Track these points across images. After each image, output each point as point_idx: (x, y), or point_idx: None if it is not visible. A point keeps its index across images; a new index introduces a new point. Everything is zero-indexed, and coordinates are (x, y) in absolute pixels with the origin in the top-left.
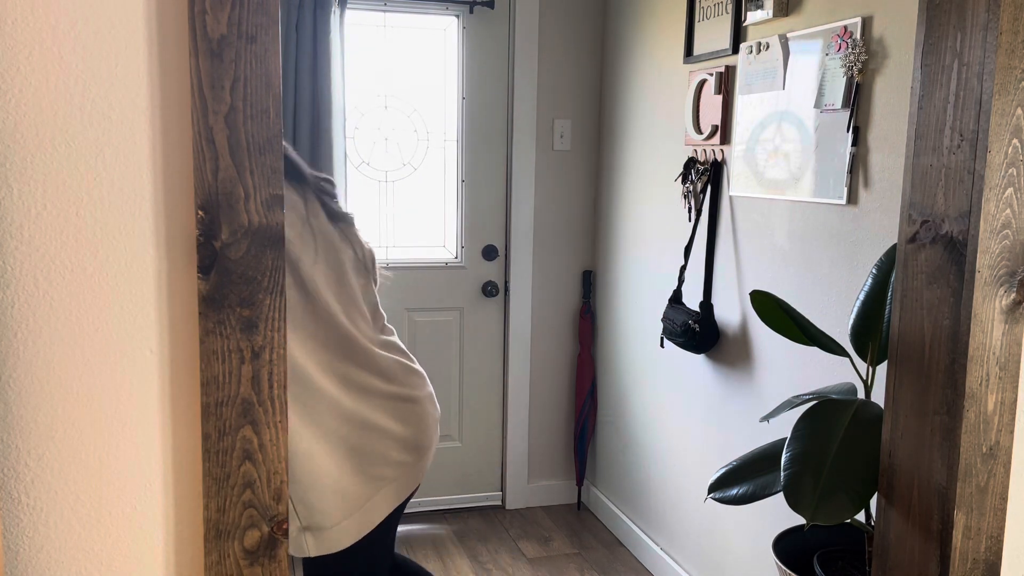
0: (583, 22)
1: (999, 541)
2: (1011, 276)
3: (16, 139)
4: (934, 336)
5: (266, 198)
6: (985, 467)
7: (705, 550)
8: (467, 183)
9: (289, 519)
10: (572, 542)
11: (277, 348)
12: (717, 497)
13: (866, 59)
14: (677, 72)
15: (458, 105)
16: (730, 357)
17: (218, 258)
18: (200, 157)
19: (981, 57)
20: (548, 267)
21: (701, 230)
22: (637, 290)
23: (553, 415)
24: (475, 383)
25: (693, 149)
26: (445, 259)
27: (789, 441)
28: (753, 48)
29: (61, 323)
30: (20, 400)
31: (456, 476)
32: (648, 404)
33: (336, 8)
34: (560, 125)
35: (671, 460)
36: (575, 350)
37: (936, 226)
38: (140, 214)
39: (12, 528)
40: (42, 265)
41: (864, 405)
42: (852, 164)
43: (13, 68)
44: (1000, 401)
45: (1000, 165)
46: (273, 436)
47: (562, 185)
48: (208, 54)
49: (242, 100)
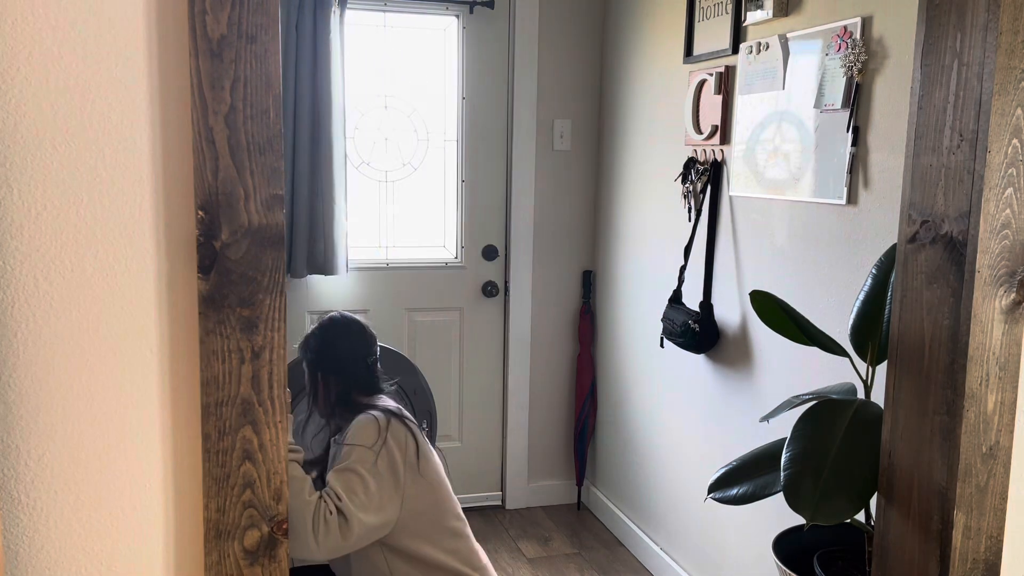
0: (583, 22)
1: (999, 541)
2: (1011, 276)
3: (16, 139)
4: (934, 336)
5: (266, 198)
6: (985, 467)
7: (705, 550)
8: (467, 183)
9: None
10: (572, 542)
11: (277, 348)
12: (717, 497)
13: (866, 59)
14: (677, 72)
15: (458, 105)
16: (730, 357)
17: (218, 258)
18: (200, 157)
19: (981, 57)
20: (548, 267)
21: (701, 230)
22: (637, 290)
23: (553, 415)
24: (475, 383)
25: (693, 149)
26: (445, 259)
27: (789, 441)
28: (753, 48)
29: (61, 323)
30: (20, 400)
31: (456, 476)
32: (648, 404)
33: (336, 8)
34: (560, 125)
35: (671, 460)
36: (575, 350)
37: (936, 226)
38: (140, 214)
39: (12, 528)
40: (42, 265)
41: (864, 405)
42: (852, 164)
43: (13, 68)
44: (1000, 401)
45: (1000, 165)
46: (273, 436)
47: (562, 185)
48: (208, 54)
49: (242, 100)
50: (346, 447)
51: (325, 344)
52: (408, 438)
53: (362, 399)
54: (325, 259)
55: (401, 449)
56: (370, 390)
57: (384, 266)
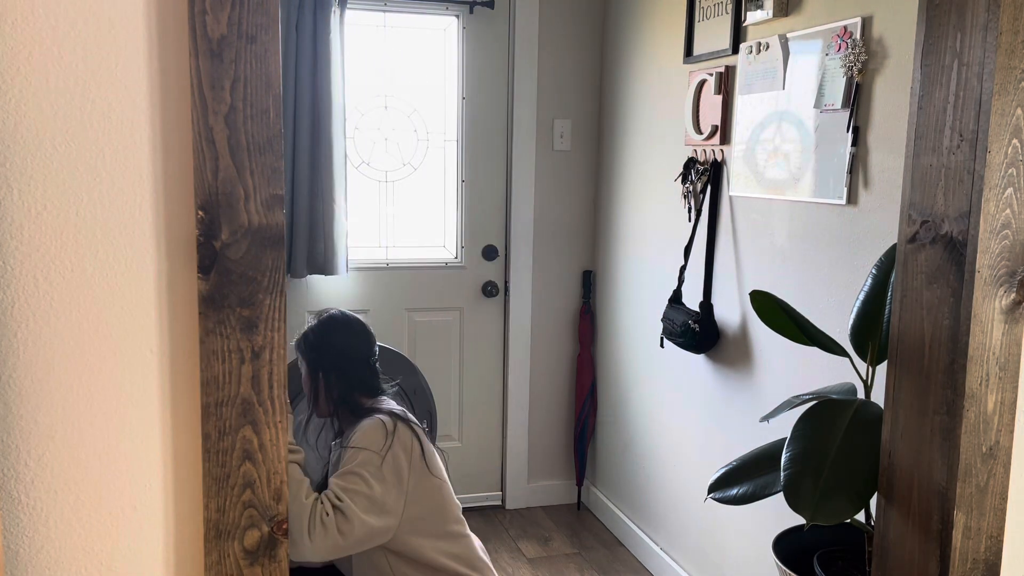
0: (583, 22)
1: (999, 541)
2: (1011, 276)
3: (16, 139)
4: (934, 336)
5: (266, 198)
6: (985, 467)
7: (705, 550)
8: (467, 183)
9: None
10: (572, 542)
11: (277, 348)
12: (717, 497)
13: (866, 59)
14: (677, 72)
15: (458, 105)
16: (730, 357)
17: (218, 258)
18: (200, 157)
19: (981, 57)
20: (548, 267)
21: (701, 230)
22: (637, 290)
23: (553, 415)
24: (475, 383)
25: (693, 149)
26: (445, 259)
27: (789, 441)
28: (753, 48)
29: (61, 323)
30: (20, 400)
31: (456, 476)
32: (648, 404)
33: (336, 8)
34: (560, 125)
35: (671, 460)
36: (575, 350)
37: (936, 226)
38: (140, 214)
39: (12, 528)
40: (42, 265)
41: (864, 405)
42: (852, 164)
43: (13, 68)
44: (1000, 401)
45: (1000, 165)
46: (273, 436)
47: (562, 185)
48: (208, 54)
49: (242, 100)
50: (351, 450)
51: (326, 342)
52: (413, 441)
53: (365, 401)
54: (325, 259)
55: (407, 452)
56: (372, 391)
57: (384, 266)
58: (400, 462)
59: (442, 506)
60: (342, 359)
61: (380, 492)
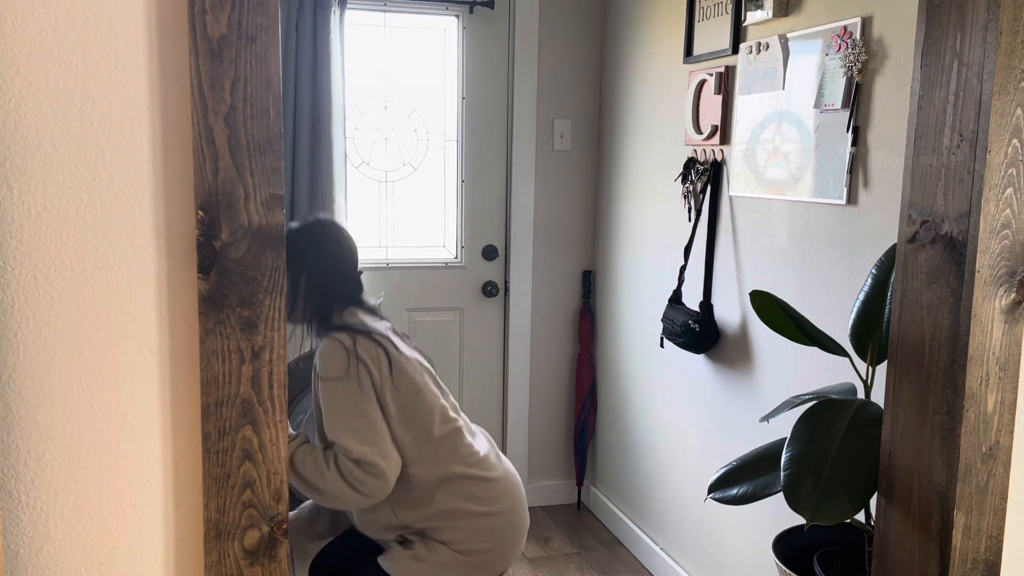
0: (583, 22)
1: (999, 541)
2: (1011, 276)
3: (16, 139)
4: (934, 336)
5: (266, 198)
6: (985, 467)
7: (705, 550)
8: (467, 183)
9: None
10: (572, 542)
11: (277, 348)
12: (717, 497)
13: (866, 59)
14: (677, 72)
15: (458, 105)
16: (730, 357)
17: (218, 258)
18: (200, 157)
19: (981, 57)
20: (548, 267)
21: (701, 230)
22: (637, 290)
23: (553, 415)
24: (475, 383)
25: (693, 149)
26: (445, 259)
27: (789, 441)
28: (753, 48)
29: (61, 323)
30: (20, 400)
31: None
32: (648, 404)
33: (336, 8)
34: (560, 125)
35: (671, 460)
36: (575, 350)
37: (936, 226)
38: (140, 214)
39: (12, 528)
40: (42, 265)
41: (864, 405)
42: (852, 164)
43: (13, 68)
44: (1000, 401)
45: (1000, 165)
46: (273, 436)
47: (562, 185)
48: (208, 54)
49: (242, 100)
50: (321, 384)
51: (315, 246)
52: (380, 353)
53: (336, 316)
54: None
55: (377, 365)
56: (354, 302)
57: (384, 266)
58: (373, 374)
59: (421, 414)
60: (328, 267)
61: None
